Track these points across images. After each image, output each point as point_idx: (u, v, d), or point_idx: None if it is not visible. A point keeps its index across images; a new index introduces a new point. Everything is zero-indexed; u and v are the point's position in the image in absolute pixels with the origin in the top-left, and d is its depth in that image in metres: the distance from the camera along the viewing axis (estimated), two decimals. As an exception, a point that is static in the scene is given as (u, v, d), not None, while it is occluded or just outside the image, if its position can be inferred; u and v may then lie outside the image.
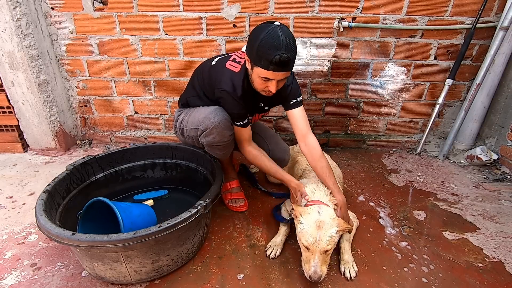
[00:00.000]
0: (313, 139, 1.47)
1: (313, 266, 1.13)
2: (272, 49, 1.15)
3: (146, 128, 2.36)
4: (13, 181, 1.89)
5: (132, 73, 2.15)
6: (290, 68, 1.24)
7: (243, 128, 1.45)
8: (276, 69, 1.20)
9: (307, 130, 1.48)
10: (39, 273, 1.26)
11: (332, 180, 1.38)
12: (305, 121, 1.49)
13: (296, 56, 1.24)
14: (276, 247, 1.37)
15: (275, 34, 1.15)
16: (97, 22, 1.98)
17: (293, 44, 1.19)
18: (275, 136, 1.75)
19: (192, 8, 1.94)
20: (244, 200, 1.68)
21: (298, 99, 1.48)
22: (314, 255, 1.15)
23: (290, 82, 1.46)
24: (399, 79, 2.18)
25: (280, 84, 1.30)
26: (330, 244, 1.16)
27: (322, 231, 1.16)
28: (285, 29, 1.19)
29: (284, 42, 1.15)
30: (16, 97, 2.02)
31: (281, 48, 1.15)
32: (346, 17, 1.97)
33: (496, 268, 1.32)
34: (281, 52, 1.15)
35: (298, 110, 1.49)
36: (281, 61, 1.16)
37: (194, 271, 1.28)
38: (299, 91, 1.50)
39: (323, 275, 1.14)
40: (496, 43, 1.92)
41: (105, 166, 1.60)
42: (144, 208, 1.42)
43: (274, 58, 1.15)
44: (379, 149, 2.42)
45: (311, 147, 1.46)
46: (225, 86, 1.36)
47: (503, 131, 2.12)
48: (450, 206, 1.74)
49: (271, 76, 1.23)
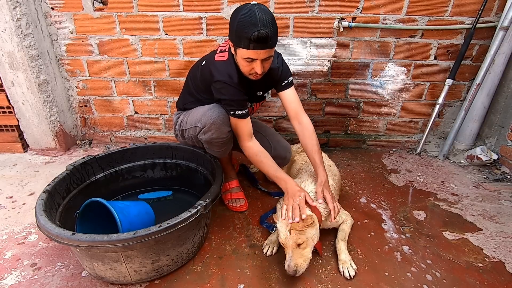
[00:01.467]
0: (306, 118, 1.50)
1: (287, 260, 1.18)
2: (249, 27, 1.16)
3: (146, 128, 2.36)
4: (13, 181, 1.89)
5: (132, 73, 2.15)
6: (272, 45, 1.23)
7: (243, 119, 1.41)
8: (256, 47, 1.19)
9: (300, 109, 1.51)
10: (39, 273, 1.26)
11: (319, 157, 1.43)
12: (297, 101, 1.52)
13: (276, 32, 1.23)
14: (272, 245, 1.38)
15: (251, 12, 1.17)
16: (97, 22, 1.98)
17: (271, 20, 1.19)
18: (276, 134, 1.75)
19: (192, 8, 1.94)
20: (244, 200, 1.68)
21: (289, 79, 1.50)
22: (288, 250, 1.19)
23: (280, 64, 1.48)
24: (399, 79, 2.18)
25: (265, 64, 1.29)
26: (301, 237, 1.17)
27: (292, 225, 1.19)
28: (262, 7, 1.20)
29: (261, 19, 1.16)
30: (16, 97, 2.02)
31: (258, 25, 1.15)
32: (346, 17, 1.97)
33: (496, 268, 1.32)
34: (259, 28, 1.15)
35: (290, 91, 1.51)
36: (259, 37, 1.16)
37: (194, 271, 1.28)
38: (289, 72, 1.52)
39: (299, 269, 1.16)
40: (496, 43, 1.92)
41: (105, 166, 1.60)
42: (142, 207, 1.41)
43: (252, 35, 1.16)
44: (379, 149, 2.42)
45: (304, 126, 1.49)
46: (220, 76, 1.35)
47: (503, 131, 2.12)
48: (450, 206, 1.74)
49: (253, 56, 1.23)
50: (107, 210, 1.23)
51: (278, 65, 1.47)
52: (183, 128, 1.57)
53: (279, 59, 1.49)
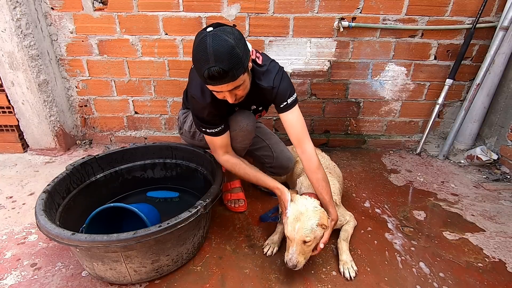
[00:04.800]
0: (309, 147, 1.32)
1: (290, 253, 1.17)
2: (201, 63, 1.03)
3: (146, 128, 2.36)
4: (13, 181, 1.89)
5: (132, 73, 2.15)
6: (232, 79, 1.06)
7: (214, 137, 1.35)
8: (213, 83, 1.06)
9: (303, 135, 1.33)
10: (39, 273, 1.26)
11: (328, 194, 1.29)
12: (300, 126, 1.33)
13: (238, 63, 1.04)
14: (273, 245, 1.38)
15: (203, 45, 1.01)
16: (97, 22, 1.98)
17: (228, 52, 1.01)
18: (280, 143, 1.69)
19: (192, 8, 1.94)
20: (243, 201, 1.68)
21: (289, 101, 1.30)
22: (293, 243, 1.18)
23: (277, 84, 1.28)
24: (399, 79, 2.18)
25: (237, 92, 1.15)
26: (309, 236, 1.17)
27: (301, 222, 1.18)
28: (216, 33, 1.02)
29: (213, 53, 1.00)
30: (16, 97, 2.02)
31: (209, 61, 1.00)
32: (346, 17, 1.97)
33: (496, 268, 1.32)
34: (210, 66, 1.00)
35: (291, 114, 1.31)
36: (211, 75, 1.02)
37: (194, 271, 1.28)
38: (290, 91, 1.30)
39: (299, 265, 1.17)
40: (496, 43, 1.92)
41: (105, 166, 1.60)
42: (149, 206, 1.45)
43: (204, 73, 1.03)
44: (379, 149, 2.42)
45: (308, 157, 1.32)
46: (194, 90, 1.27)
47: (503, 131, 2.12)
48: (450, 206, 1.74)
49: (216, 89, 1.11)
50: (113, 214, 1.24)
51: (273, 85, 1.28)
52: (196, 129, 1.50)
53: (276, 78, 1.28)
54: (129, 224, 1.39)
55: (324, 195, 1.28)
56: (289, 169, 1.68)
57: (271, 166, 1.64)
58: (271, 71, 1.29)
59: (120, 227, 1.43)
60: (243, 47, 1.07)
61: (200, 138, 1.54)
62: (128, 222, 1.40)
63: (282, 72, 1.32)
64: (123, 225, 1.44)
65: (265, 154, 1.62)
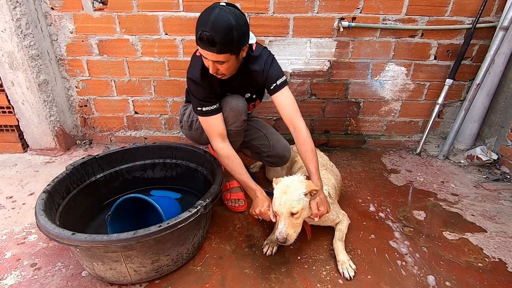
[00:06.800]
0: (300, 123, 1.40)
1: (279, 227, 1.17)
2: (199, 25, 1.15)
3: (146, 128, 2.36)
4: (13, 181, 1.89)
5: (132, 73, 2.15)
6: (218, 51, 1.16)
7: (212, 116, 1.40)
8: (203, 47, 1.18)
9: (294, 113, 1.41)
10: (39, 273, 1.26)
11: (314, 164, 1.34)
12: (291, 104, 1.41)
13: (230, 41, 1.15)
14: (272, 244, 1.38)
15: (210, 11, 1.13)
16: (97, 22, 1.98)
17: (226, 28, 1.12)
18: (277, 133, 1.73)
19: (192, 8, 1.94)
20: (243, 201, 1.68)
21: (278, 82, 1.40)
22: (281, 218, 1.18)
23: (267, 67, 1.39)
24: (399, 79, 2.18)
25: (219, 67, 1.25)
26: (296, 206, 1.17)
27: (287, 194, 1.19)
28: (227, 11, 1.13)
29: (212, 20, 1.11)
30: (16, 97, 2.02)
31: (206, 26, 1.12)
32: (346, 17, 1.97)
33: (496, 268, 1.32)
34: (204, 29, 1.12)
35: (281, 94, 1.41)
36: (201, 38, 1.13)
37: (194, 271, 1.28)
38: (278, 74, 1.41)
39: (290, 238, 1.16)
40: (496, 43, 1.92)
41: (105, 166, 1.60)
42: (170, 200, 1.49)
43: (198, 34, 1.14)
44: (379, 149, 2.42)
45: (298, 132, 1.40)
46: (189, 72, 1.38)
47: (503, 131, 2.12)
48: (450, 206, 1.74)
49: (204, 54, 1.22)
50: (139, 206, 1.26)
51: (264, 67, 1.39)
52: (193, 118, 1.56)
53: (267, 61, 1.39)
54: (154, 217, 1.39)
55: (309, 165, 1.34)
56: (286, 159, 1.68)
57: (268, 155, 1.65)
58: (262, 56, 1.40)
59: (146, 219, 1.45)
60: (241, 34, 1.18)
61: (197, 127, 1.57)
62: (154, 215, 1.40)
63: (272, 58, 1.43)
64: (149, 217, 1.46)
65: (262, 143, 1.65)
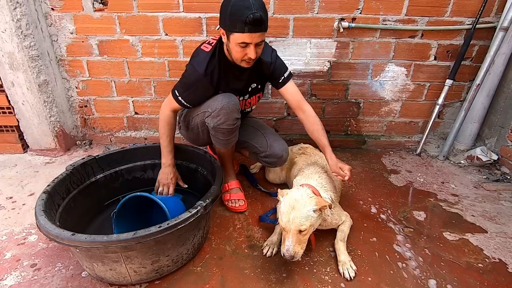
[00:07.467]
0: (308, 106, 1.54)
1: (287, 245, 1.16)
2: (244, 10, 1.19)
3: (146, 128, 2.36)
4: (13, 182, 1.89)
5: (132, 73, 2.15)
6: (265, 28, 1.27)
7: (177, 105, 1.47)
8: (252, 29, 1.23)
9: (301, 99, 1.55)
10: (39, 273, 1.26)
11: (326, 139, 1.49)
12: (298, 92, 1.56)
13: (267, 18, 1.28)
14: (272, 245, 1.38)
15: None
16: (97, 22, 1.98)
17: (263, 5, 1.25)
18: (275, 133, 1.74)
19: (192, 8, 1.94)
20: (243, 201, 1.68)
21: (286, 75, 1.54)
22: (288, 234, 1.17)
23: (274, 60, 1.51)
24: (399, 79, 2.18)
25: (258, 50, 1.33)
26: (304, 224, 1.16)
27: (296, 210, 1.18)
28: None
29: (254, 3, 1.20)
30: (16, 97, 2.02)
31: (252, 8, 1.19)
32: (346, 18, 1.97)
33: (496, 269, 1.32)
34: (254, 11, 1.19)
35: (289, 84, 1.55)
36: (255, 19, 1.19)
37: (194, 271, 1.28)
38: (285, 67, 1.55)
39: (297, 255, 1.16)
40: (496, 43, 1.92)
41: (105, 166, 1.60)
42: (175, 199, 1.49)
43: (248, 18, 1.19)
44: (379, 149, 2.42)
45: (307, 113, 1.53)
46: (194, 62, 1.41)
47: (503, 131, 2.12)
48: (450, 206, 1.74)
49: (248, 39, 1.26)
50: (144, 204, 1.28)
51: (271, 60, 1.50)
52: (189, 117, 1.58)
53: (273, 55, 1.51)
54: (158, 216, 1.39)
55: (322, 139, 1.49)
56: (284, 159, 1.66)
57: (265, 155, 1.65)
58: (268, 48, 1.51)
59: (151, 218, 1.46)
60: None
61: (192, 127, 1.59)
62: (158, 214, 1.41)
63: (276, 52, 1.55)
64: (154, 215, 1.46)
65: (259, 143, 1.66)
